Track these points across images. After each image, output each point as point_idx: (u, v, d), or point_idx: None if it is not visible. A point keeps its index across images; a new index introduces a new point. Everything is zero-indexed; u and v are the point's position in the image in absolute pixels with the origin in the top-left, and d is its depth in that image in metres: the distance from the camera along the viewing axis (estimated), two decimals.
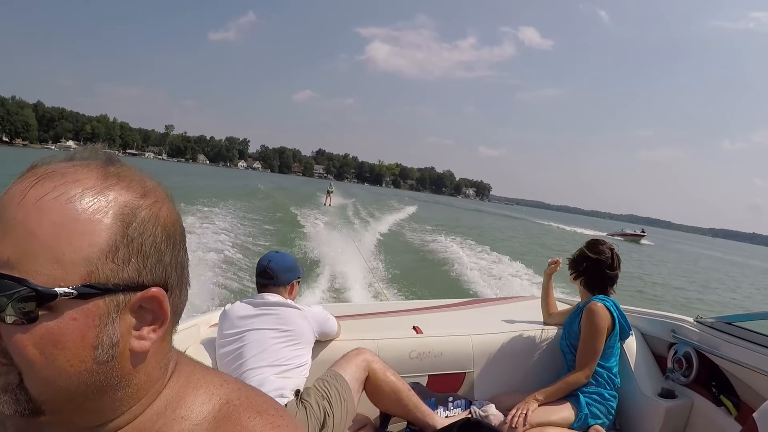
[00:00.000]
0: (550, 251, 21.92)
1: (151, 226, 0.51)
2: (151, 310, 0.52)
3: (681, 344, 2.64)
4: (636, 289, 16.11)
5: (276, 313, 2.27)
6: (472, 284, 11.11)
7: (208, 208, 17.80)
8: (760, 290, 25.25)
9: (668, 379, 2.65)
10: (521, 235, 36.27)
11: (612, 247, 2.66)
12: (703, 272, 31.76)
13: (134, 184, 0.52)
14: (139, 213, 0.51)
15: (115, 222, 0.49)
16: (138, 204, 0.51)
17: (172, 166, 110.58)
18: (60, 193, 0.48)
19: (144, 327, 0.52)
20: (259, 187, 43.60)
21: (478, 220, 49.94)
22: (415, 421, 2.34)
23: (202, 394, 0.58)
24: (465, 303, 3.54)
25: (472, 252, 16.72)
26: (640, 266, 24.62)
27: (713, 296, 19.49)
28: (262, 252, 10.58)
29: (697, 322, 2.66)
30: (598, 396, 2.51)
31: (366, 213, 30.22)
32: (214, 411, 0.57)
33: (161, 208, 0.53)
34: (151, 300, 0.51)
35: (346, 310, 2.95)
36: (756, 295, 22.33)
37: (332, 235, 14.81)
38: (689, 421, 2.54)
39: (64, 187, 0.48)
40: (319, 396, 2.11)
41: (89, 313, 0.48)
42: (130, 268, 0.50)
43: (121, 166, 0.53)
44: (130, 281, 0.50)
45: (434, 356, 2.60)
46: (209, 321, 2.51)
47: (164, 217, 0.53)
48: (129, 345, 0.52)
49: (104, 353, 0.50)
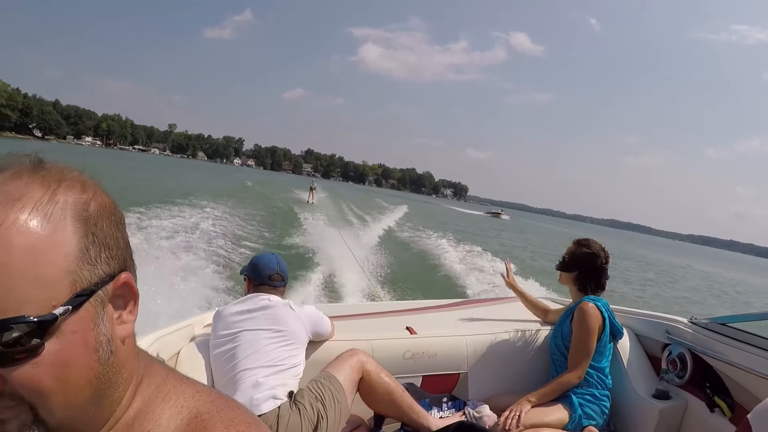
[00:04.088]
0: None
1: (102, 216, 0.52)
2: (124, 294, 0.54)
3: (675, 345, 2.64)
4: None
5: (270, 314, 2.25)
6: (465, 284, 11.13)
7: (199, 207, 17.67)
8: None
9: (662, 380, 2.64)
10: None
11: (603, 246, 2.65)
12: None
13: (71, 181, 0.51)
14: (90, 208, 0.51)
15: (75, 224, 0.49)
16: (84, 199, 0.51)
17: (180, 162, 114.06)
18: (15, 217, 0.45)
19: (122, 312, 0.54)
20: (247, 184, 43.87)
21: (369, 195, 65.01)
22: (410, 423, 2.31)
23: (171, 406, 0.57)
24: (459, 303, 3.53)
25: (466, 253, 16.81)
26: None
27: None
28: (247, 253, 10.58)
29: (692, 323, 2.66)
30: (591, 396, 2.50)
31: (347, 208, 31.31)
32: (182, 425, 0.55)
33: (101, 196, 0.53)
34: (123, 286, 0.53)
35: (340, 311, 2.94)
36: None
37: (324, 234, 14.71)
38: (683, 422, 2.54)
39: (15, 208, 0.46)
40: (312, 397, 2.08)
41: (84, 321, 0.49)
42: (102, 263, 0.50)
43: (48, 166, 0.51)
44: (105, 275, 0.51)
45: (428, 357, 2.59)
46: (203, 321, 2.48)
47: (107, 203, 0.53)
48: (117, 334, 0.53)
49: (105, 352, 0.51)
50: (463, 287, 11.12)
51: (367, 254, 12.60)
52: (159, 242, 9.65)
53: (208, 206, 18.11)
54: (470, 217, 65.97)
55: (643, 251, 60.91)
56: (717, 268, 56.14)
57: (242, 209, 19.99)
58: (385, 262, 12.16)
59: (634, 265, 32.54)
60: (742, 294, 27.84)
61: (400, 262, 13.08)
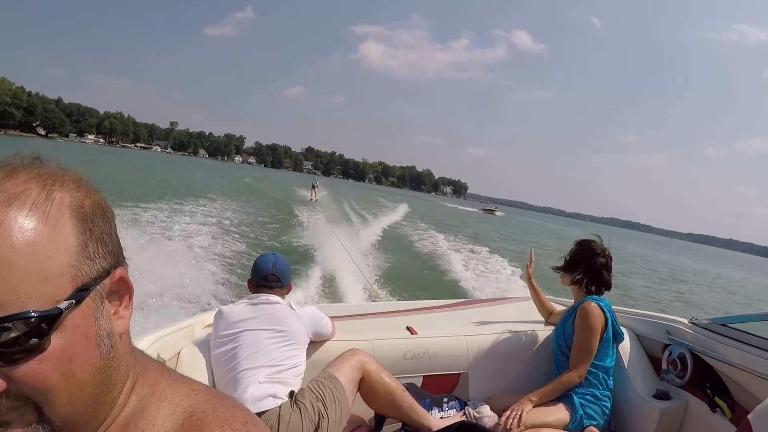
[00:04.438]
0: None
1: (97, 213, 0.52)
2: (119, 290, 0.54)
3: (675, 345, 2.64)
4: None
5: (271, 314, 2.25)
6: (465, 284, 11.12)
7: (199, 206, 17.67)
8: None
9: (663, 381, 2.64)
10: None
11: (605, 247, 2.65)
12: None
13: (64, 179, 0.51)
14: (85, 204, 0.51)
15: (73, 221, 0.49)
16: (79, 196, 0.51)
17: (181, 159, 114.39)
18: (15, 214, 0.46)
19: (119, 307, 0.54)
20: (246, 180, 44.03)
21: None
22: (410, 423, 2.32)
23: (167, 406, 0.56)
24: (459, 304, 3.53)
25: (467, 254, 16.80)
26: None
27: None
28: (250, 252, 10.58)
29: (692, 323, 2.66)
30: (592, 396, 2.51)
31: (349, 207, 31.23)
32: (177, 426, 0.55)
33: (93, 193, 0.54)
34: (119, 281, 0.54)
35: (341, 311, 2.93)
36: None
37: (325, 233, 14.69)
38: (684, 422, 2.54)
39: (14, 206, 0.46)
40: (313, 397, 2.09)
41: (86, 315, 0.49)
42: (100, 258, 0.51)
43: (41, 164, 0.52)
44: (103, 270, 0.51)
45: (429, 357, 2.59)
46: (204, 321, 2.49)
47: (100, 200, 0.54)
48: (116, 329, 0.53)
49: (105, 346, 0.51)
50: (457, 283, 11.17)
51: (367, 253, 12.62)
52: (163, 241, 9.67)
53: (209, 204, 18.14)
54: (465, 214, 67.60)
55: (642, 249, 61.12)
56: (722, 269, 56.24)
57: (243, 206, 20.02)
58: (385, 261, 12.17)
59: (633, 263, 32.65)
60: (737, 293, 27.81)
61: (399, 260, 13.10)
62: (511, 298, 4.13)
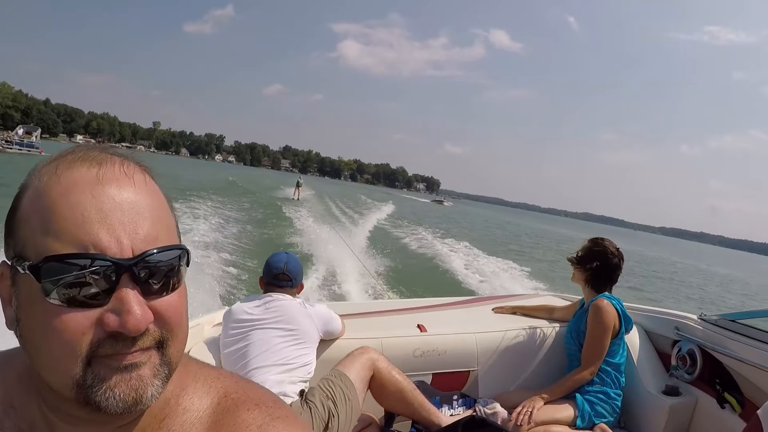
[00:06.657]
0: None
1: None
2: None
3: (685, 341, 2.64)
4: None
5: (281, 312, 2.23)
6: (473, 282, 11.17)
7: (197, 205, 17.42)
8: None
9: (672, 377, 2.64)
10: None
11: (617, 247, 2.63)
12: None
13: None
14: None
15: (168, 201, 0.57)
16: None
17: (167, 159, 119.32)
18: (145, 175, 0.54)
19: None
20: (231, 179, 43.70)
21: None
22: (420, 420, 2.31)
23: (201, 386, 0.59)
24: (468, 301, 3.52)
25: (473, 252, 16.91)
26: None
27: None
28: (250, 252, 10.44)
29: (701, 319, 2.66)
30: (604, 395, 2.50)
31: (334, 205, 31.76)
32: (213, 405, 0.58)
33: None
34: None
35: (350, 309, 2.90)
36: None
37: (319, 232, 14.54)
38: (693, 418, 2.54)
39: (140, 169, 0.54)
40: (323, 396, 2.07)
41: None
42: (175, 219, 0.57)
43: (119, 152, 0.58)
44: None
45: (438, 354, 2.57)
46: (213, 320, 2.47)
47: None
48: None
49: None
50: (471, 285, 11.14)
51: (359, 250, 12.57)
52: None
53: (202, 202, 17.99)
54: (417, 204, 76.57)
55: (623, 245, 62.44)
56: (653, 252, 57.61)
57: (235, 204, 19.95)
58: (379, 258, 12.18)
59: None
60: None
61: (405, 261, 13.11)
62: (520, 296, 4.11)
